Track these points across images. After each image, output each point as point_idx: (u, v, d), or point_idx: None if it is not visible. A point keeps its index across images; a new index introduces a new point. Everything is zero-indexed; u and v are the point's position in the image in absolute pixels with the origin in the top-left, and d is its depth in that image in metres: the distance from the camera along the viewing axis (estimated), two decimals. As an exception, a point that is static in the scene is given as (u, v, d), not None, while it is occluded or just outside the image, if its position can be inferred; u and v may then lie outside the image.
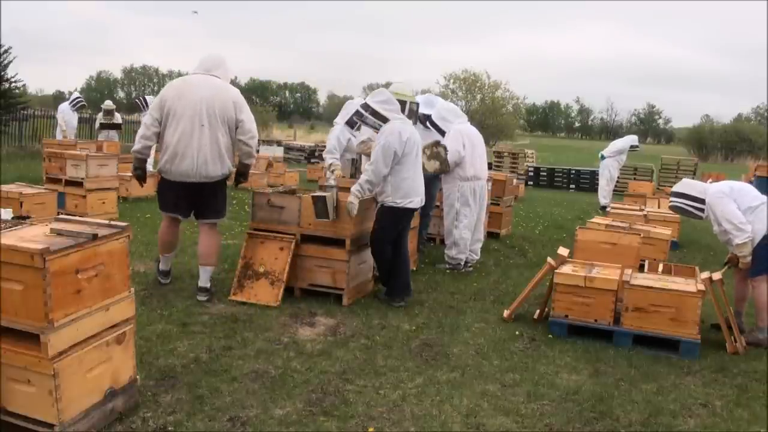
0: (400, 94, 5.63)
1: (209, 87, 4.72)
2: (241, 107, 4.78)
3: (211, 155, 4.70)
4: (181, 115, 4.64)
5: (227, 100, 4.72)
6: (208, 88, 4.71)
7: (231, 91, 4.82)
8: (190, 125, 4.64)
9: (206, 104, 4.65)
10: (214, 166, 4.73)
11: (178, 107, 4.65)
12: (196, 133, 4.65)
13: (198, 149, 4.66)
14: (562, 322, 4.66)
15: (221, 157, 4.74)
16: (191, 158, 4.66)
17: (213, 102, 4.67)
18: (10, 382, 2.66)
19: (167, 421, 3.02)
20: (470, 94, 38.39)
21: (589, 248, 5.30)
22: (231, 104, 4.73)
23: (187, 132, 4.64)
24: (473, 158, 6.45)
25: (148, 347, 3.85)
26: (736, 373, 4.17)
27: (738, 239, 4.71)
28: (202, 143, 4.66)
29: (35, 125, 17.50)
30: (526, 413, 3.38)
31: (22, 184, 7.17)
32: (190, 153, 4.65)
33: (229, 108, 4.72)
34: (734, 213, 4.72)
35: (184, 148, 4.65)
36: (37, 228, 2.90)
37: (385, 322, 4.71)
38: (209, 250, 4.94)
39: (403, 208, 5.06)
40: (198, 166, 4.68)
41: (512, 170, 18.45)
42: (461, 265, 6.55)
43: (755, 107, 78.55)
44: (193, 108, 4.63)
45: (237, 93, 4.86)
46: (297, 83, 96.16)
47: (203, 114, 4.64)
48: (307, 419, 3.14)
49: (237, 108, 4.75)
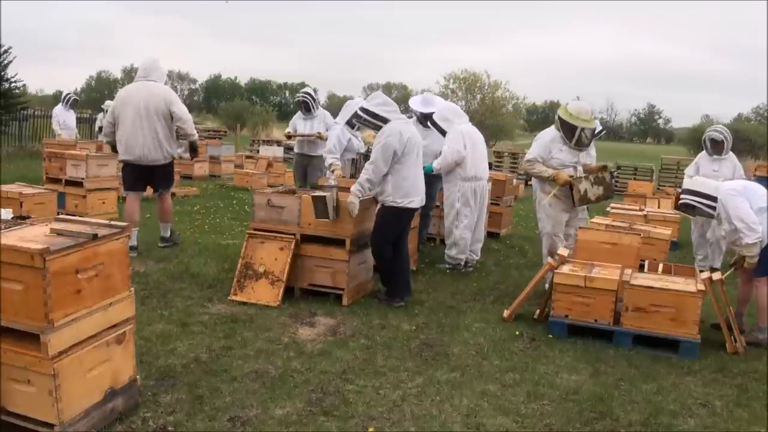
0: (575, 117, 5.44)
1: (144, 91, 6.01)
2: (172, 101, 6.06)
3: (153, 145, 6.02)
4: (125, 116, 5.98)
5: (159, 99, 5.99)
6: (144, 92, 6.00)
7: (162, 90, 6.09)
8: (132, 124, 5.96)
9: (143, 105, 5.93)
10: (156, 153, 6.06)
11: (122, 112, 6.01)
12: (137, 129, 5.97)
13: (142, 141, 5.98)
14: (562, 322, 4.66)
15: (161, 145, 6.06)
16: (139, 148, 6.00)
17: (148, 103, 5.95)
18: (10, 382, 2.67)
19: (167, 421, 3.02)
20: (470, 94, 38.34)
21: (589, 248, 5.29)
22: (162, 101, 5.99)
23: (130, 129, 5.98)
24: (474, 158, 6.44)
25: (148, 347, 3.85)
26: (736, 373, 4.17)
27: (748, 239, 4.65)
28: (144, 136, 5.97)
29: (35, 125, 17.48)
30: (526, 413, 3.39)
31: (22, 184, 7.17)
32: (137, 145, 5.99)
33: (161, 104, 5.98)
34: (747, 212, 4.65)
35: (132, 142, 5.99)
36: (37, 228, 2.90)
37: (385, 322, 4.71)
38: (166, 211, 6.51)
39: (404, 208, 5.06)
40: (144, 154, 6.03)
41: (512, 170, 18.43)
42: (461, 265, 6.55)
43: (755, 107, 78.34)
44: (134, 110, 5.95)
45: (167, 90, 6.16)
46: (297, 83, 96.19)
47: (141, 113, 5.94)
48: (307, 419, 3.14)
49: (167, 102, 6.02)
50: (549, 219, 5.76)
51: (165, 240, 6.54)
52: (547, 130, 5.77)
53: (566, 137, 5.51)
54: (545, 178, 5.63)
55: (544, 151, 5.62)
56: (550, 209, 5.72)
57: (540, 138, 5.78)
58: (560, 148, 5.58)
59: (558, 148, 5.58)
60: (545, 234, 5.85)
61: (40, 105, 22.92)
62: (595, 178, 5.60)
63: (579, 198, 5.54)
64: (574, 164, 5.64)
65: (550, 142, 5.61)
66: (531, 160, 5.67)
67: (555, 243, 5.69)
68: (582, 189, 5.53)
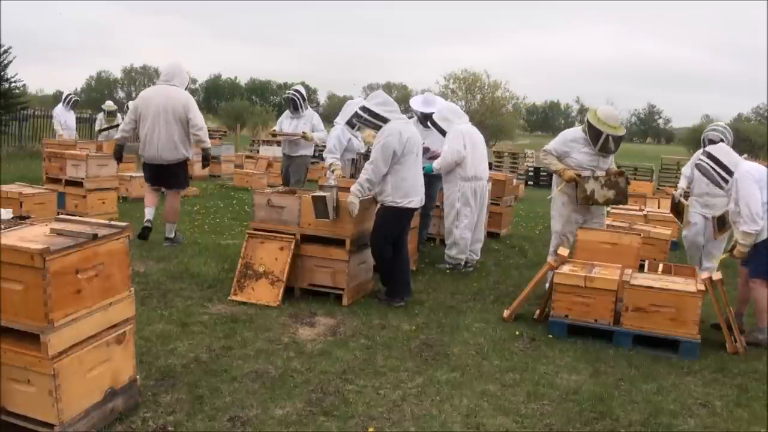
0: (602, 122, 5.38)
1: (165, 95, 6.35)
2: (189, 108, 6.36)
3: (168, 145, 6.34)
4: (146, 116, 6.32)
5: (178, 104, 6.31)
6: (164, 97, 6.33)
7: (182, 96, 6.39)
8: (150, 125, 6.30)
9: (162, 108, 6.27)
10: (170, 153, 6.38)
11: (144, 111, 6.34)
12: (156, 129, 6.29)
13: (158, 141, 6.31)
14: (562, 322, 4.65)
15: (176, 146, 6.37)
16: (154, 148, 6.35)
17: (167, 106, 6.28)
18: (10, 382, 2.66)
19: (167, 421, 3.02)
20: (470, 94, 38.36)
21: (589, 248, 5.29)
22: (181, 107, 6.31)
23: (150, 129, 6.31)
24: (474, 158, 6.44)
25: (148, 347, 3.85)
26: (736, 373, 4.17)
27: (746, 227, 4.59)
28: (161, 136, 6.30)
29: (35, 125, 17.48)
30: (526, 413, 3.38)
31: (22, 184, 7.17)
32: (153, 145, 6.33)
33: (179, 109, 6.30)
34: (756, 201, 4.58)
35: (149, 140, 6.34)
36: (37, 228, 2.90)
37: (385, 322, 4.71)
38: (171, 211, 6.65)
39: (403, 207, 5.06)
40: (158, 154, 6.37)
41: (512, 170, 18.44)
42: (461, 266, 6.55)
43: (755, 107, 78.31)
44: (153, 112, 6.28)
45: (187, 96, 6.45)
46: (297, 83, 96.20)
47: (160, 115, 6.27)
48: (307, 419, 3.14)
49: (186, 109, 6.33)
50: (560, 217, 5.76)
51: (169, 240, 6.65)
52: (574, 129, 5.78)
53: (591, 141, 5.46)
54: (553, 170, 5.66)
55: (562, 146, 5.61)
56: (563, 208, 5.71)
57: (564, 134, 5.78)
58: (581, 149, 5.54)
59: (579, 149, 5.55)
60: (554, 232, 5.84)
61: (40, 105, 22.93)
62: (607, 181, 5.51)
63: (583, 197, 5.51)
64: (593, 168, 5.55)
65: (571, 141, 5.59)
66: (546, 150, 5.70)
67: (563, 243, 5.67)
68: (588, 189, 5.50)
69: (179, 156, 6.43)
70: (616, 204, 5.76)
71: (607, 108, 5.61)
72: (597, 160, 5.54)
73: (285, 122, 8.33)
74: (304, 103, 8.20)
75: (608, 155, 5.57)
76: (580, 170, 5.53)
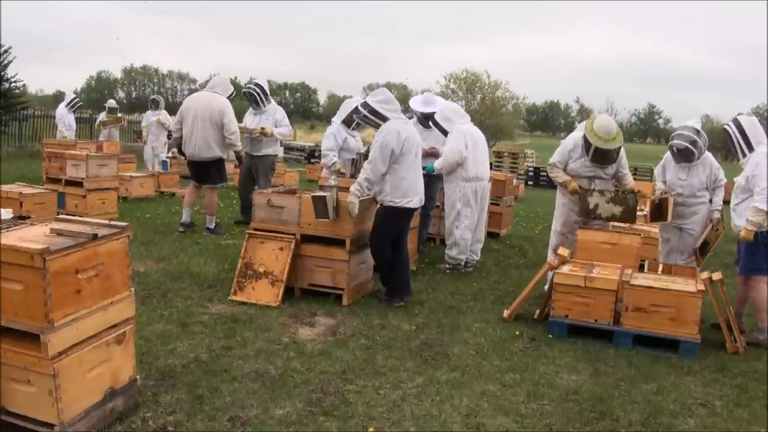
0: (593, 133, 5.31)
1: (205, 101, 7.25)
2: (225, 114, 7.18)
3: (204, 144, 7.18)
4: (188, 118, 7.22)
5: (215, 109, 7.17)
6: (204, 102, 7.24)
7: (221, 103, 7.24)
8: (191, 125, 7.18)
9: (201, 112, 7.15)
10: (205, 152, 7.21)
11: (186, 114, 7.25)
12: (194, 130, 7.17)
13: (195, 141, 7.18)
14: (562, 322, 4.65)
15: (210, 146, 7.20)
16: (192, 145, 7.21)
17: (206, 110, 7.15)
18: (10, 382, 2.66)
19: (167, 421, 3.02)
20: (470, 94, 38.34)
21: (589, 248, 5.29)
22: (218, 112, 7.16)
23: (190, 129, 7.20)
24: (475, 159, 6.45)
25: (148, 347, 3.85)
26: (736, 373, 4.17)
27: (760, 204, 4.55)
28: (198, 137, 7.17)
29: (35, 125, 17.48)
30: (526, 413, 3.38)
31: (22, 184, 7.18)
32: (191, 142, 7.21)
33: (216, 114, 7.15)
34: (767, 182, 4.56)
35: (189, 140, 7.23)
36: (37, 228, 2.90)
37: (385, 322, 4.71)
38: (208, 204, 7.55)
39: (403, 207, 5.06)
40: (195, 152, 7.23)
41: (512, 170, 18.46)
42: (461, 266, 6.55)
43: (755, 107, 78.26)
44: (194, 115, 7.17)
45: (225, 104, 7.27)
46: (297, 83, 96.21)
47: (198, 118, 7.14)
48: (307, 419, 3.14)
49: (221, 114, 7.17)
50: (560, 217, 5.78)
51: (209, 230, 7.45)
52: (573, 136, 5.77)
53: (585, 150, 5.47)
54: (559, 183, 5.67)
55: (563, 157, 5.63)
56: (563, 208, 5.74)
57: (563, 144, 5.79)
58: (577, 158, 5.55)
59: (575, 157, 5.56)
60: (553, 232, 5.87)
61: (40, 105, 22.96)
62: (615, 196, 5.45)
63: (585, 210, 5.50)
64: (590, 176, 5.54)
65: (570, 150, 5.60)
66: (551, 164, 5.74)
67: (563, 243, 5.66)
68: (591, 203, 5.47)
69: (213, 155, 7.21)
70: (621, 221, 5.54)
71: (604, 119, 5.54)
72: (594, 168, 5.53)
73: (248, 119, 8.13)
74: (265, 98, 7.98)
75: (603, 167, 5.52)
76: (578, 179, 5.54)
